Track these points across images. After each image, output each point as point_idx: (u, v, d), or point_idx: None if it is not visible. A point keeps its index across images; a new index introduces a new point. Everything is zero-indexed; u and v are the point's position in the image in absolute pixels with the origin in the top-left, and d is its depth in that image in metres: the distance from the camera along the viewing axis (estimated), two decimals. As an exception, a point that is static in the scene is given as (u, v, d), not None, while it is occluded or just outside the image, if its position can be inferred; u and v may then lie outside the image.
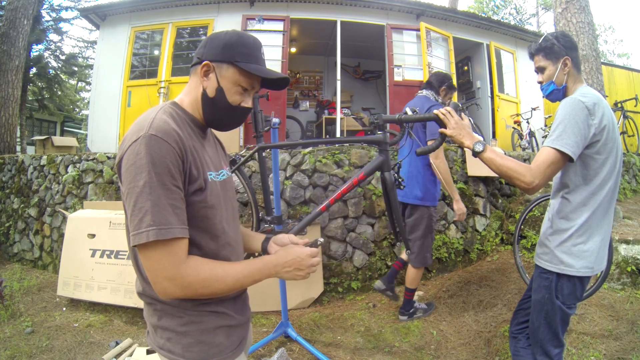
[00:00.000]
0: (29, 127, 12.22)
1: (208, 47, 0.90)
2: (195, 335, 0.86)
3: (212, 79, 0.89)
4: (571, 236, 1.39)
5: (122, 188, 0.78)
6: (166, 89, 5.59)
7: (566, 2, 4.44)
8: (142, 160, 0.75)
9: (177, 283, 0.77)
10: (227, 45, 0.89)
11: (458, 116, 1.43)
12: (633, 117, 6.04)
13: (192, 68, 0.93)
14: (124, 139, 0.81)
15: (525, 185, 1.32)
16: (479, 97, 6.68)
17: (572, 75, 1.46)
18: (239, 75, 0.90)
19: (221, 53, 0.89)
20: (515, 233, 2.86)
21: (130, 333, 2.74)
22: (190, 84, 0.93)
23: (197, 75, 0.91)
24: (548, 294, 1.44)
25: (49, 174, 4.17)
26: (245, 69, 0.88)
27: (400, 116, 1.56)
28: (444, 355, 2.37)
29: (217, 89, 0.89)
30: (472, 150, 1.41)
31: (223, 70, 0.89)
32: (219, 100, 0.90)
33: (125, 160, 0.77)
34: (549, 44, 1.46)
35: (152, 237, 0.74)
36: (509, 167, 1.34)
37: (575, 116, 1.31)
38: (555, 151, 1.32)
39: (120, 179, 0.79)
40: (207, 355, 0.86)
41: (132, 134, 0.79)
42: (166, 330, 0.86)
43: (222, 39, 0.90)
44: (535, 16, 20.85)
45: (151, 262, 0.76)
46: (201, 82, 0.90)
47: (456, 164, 3.66)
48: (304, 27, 6.46)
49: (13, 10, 6.01)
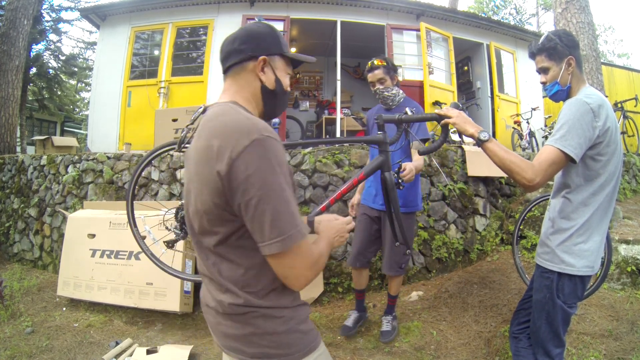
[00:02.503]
0: (29, 127, 12.22)
1: (255, 43, 0.92)
2: (295, 329, 0.87)
3: (269, 72, 0.94)
4: (572, 235, 1.40)
5: (244, 194, 0.74)
6: (166, 89, 5.59)
7: (566, 2, 4.44)
8: (268, 163, 0.74)
9: (314, 268, 0.84)
10: (273, 39, 0.94)
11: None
12: (633, 117, 6.04)
13: (236, 67, 0.93)
14: (221, 147, 0.76)
15: (526, 182, 1.31)
16: (479, 97, 6.68)
17: (575, 75, 1.45)
18: (287, 65, 0.98)
19: (272, 46, 0.94)
20: (514, 233, 2.86)
21: (130, 333, 2.74)
22: (239, 82, 0.94)
23: (247, 71, 0.93)
24: (549, 294, 1.44)
25: (49, 174, 4.17)
26: (293, 58, 0.98)
27: (401, 116, 1.56)
28: (444, 355, 2.37)
29: (275, 80, 0.95)
30: (477, 139, 1.38)
31: (276, 62, 0.95)
32: (279, 90, 0.96)
33: (245, 166, 0.73)
34: (552, 44, 1.43)
35: (299, 239, 0.76)
36: (512, 161, 1.33)
37: (580, 118, 1.30)
38: (558, 151, 1.31)
39: (237, 186, 0.74)
40: (307, 343, 0.89)
41: (237, 138, 0.75)
42: (265, 335, 0.85)
43: (264, 33, 0.94)
44: (535, 16, 20.86)
45: (295, 260, 0.79)
46: (257, 77, 0.93)
47: (456, 164, 3.66)
48: (304, 27, 6.46)
49: (13, 11, 6.01)
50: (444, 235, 3.45)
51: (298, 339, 0.88)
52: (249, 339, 0.85)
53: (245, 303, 0.84)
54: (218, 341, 0.93)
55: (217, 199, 0.78)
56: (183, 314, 2.89)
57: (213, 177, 0.77)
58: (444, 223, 3.50)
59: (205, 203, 0.80)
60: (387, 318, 2.62)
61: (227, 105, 0.87)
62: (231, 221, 0.80)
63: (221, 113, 0.84)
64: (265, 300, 0.84)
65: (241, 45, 0.92)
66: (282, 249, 0.75)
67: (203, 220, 0.83)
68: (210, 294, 0.90)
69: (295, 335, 0.87)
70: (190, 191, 0.87)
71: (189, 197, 0.88)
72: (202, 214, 0.82)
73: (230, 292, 0.85)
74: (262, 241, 0.76)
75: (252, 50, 0.92)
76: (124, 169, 3.82)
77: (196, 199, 0.83)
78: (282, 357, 0.85)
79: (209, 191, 0.78)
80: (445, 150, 3.70)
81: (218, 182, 0.76)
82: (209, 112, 0.89)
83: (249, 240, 0.80)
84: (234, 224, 0.80)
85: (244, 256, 0.83)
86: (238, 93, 0.93)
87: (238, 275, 0.83)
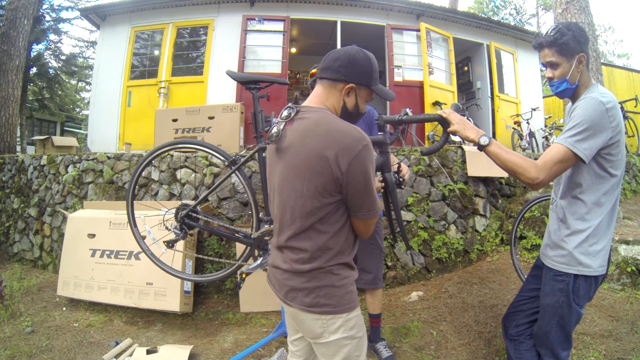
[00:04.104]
0: (29, 127, 12.22)
1: (351, 70, 1.14)
2: (346, 287, 1.14)
3: (352, 97, 1.17)
4: (588, 237, 1.37)
5: (356, 184, 1.06)
6: (166, 89, 5.59)
7: (566, 3, 4.44)
8: (370, 163, 1.07)
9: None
10: (367, 72, 1.15)
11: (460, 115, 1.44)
12: (633, 118, 6.05)
13: (329, 81, 1.16)
14: (341, 150, 1.03)
15: (530, 181, 1.31)
16: (479, 98, 6.68)
17: (584, 73, 1.40)
18: (370, 94, 1.21)
19: (363, 79, 1.16)
20: (512, 233, 2.85)
21: (130, 333, 2.74)
22: (327, 93, 1.17)
23: (336, 89, 1.16)
24: (564, 297, 1.41)
25: (49, 173, 4.17)
26: (377, 92, 1.19)
27: (401, 117, 1.56)
28: (444, 355, 2.37)
29: (355, 105, 1.18)
30: (478, 144, 1.38)
31: (362, 91, 1.18)
32: (355, 112, 1.20)
33: (358, 162, 1.04)
34: (565, 39, 1.35)
35: (379, 214, 1.16)
36: (513, 161, 1.32)
37: (597, 118, 1.28)
38: (567, 150, 1.29)
39: (353, 178, 1.05)
40: (351, 300, 1.15)
41: (353, 144, 1.03)
42: (324, 288, 1.11)
43: (362, 64, 1.15)
44: (535, 16, 20.87)
45: (372, 225, 1.17)
46: (342, 97, 1.16)
47: (456, 164, 3.66)
48: (304, 28, 6.47)
49: (13, 10, 6.01)
50: (444, 235, 3.45)
51: (347, 295, 1.14)
52: (311, 290, 1.11)
53: (318, 264, 1.10)
54: (280, 293, 1.18)
55: (330, 185, 1.06)
56: (183, 314, 2.89)
57: (332, 170, 1.04)
58: (444, 223, 3.50)
59: (317, 188, 1.06)
60: (380, 344, 2.33)
61: (327, 113, 1.13)
62: (331, 203, 1.08)
63: (329, 120, 1.09)
64: (333, 260, 1.11)
65: (340, 67, 1.14)
66: (374, 217, 1.13)
67: (308, 202, 1.08)
68: (282, 257, 1.17)
69: (346, 291, 1.14)
70: (292, 179, 1.10)
71: (290, 184, 1.11)
72: (307, 198, 1.07)
73: (317, 253, 1.11)
74: (361, 212, 1.11)
75: (345, 75, 1.14)
76: (124, 169, 3.82)
77: (302, 186, 1.08)
78: (331, 307, 1.11)
79: (324, 180, 1.05)
80: (445, 151, 3.70)
81: (339, 175, 1.04)
82: (312, 118, 1.11)
83: (335, 214, 1.10)
84: (333, 205, 1.09)
85: (332, 226, 1.11)
86: (327, 101, 1.17)
87: (323, 241, 1.10)
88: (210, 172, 3.50)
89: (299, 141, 1.08)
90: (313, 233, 1.10)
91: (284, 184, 1.13)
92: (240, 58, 5.47)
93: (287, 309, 1.19)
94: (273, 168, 1.20)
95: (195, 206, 1.94)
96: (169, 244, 1.97)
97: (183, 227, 1.95)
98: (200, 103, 5.34)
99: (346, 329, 1.13)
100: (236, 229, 2.04)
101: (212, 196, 3.39)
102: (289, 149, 1.11)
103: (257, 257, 1.94)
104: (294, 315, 1.18)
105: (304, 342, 1.31)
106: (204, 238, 3.32)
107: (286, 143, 1.12)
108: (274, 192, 1.20)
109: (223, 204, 3.41)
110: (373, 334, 2.35)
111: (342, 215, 1.12)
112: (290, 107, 1.17)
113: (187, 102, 5.37)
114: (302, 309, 1.12)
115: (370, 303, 2.31)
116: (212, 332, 2.76)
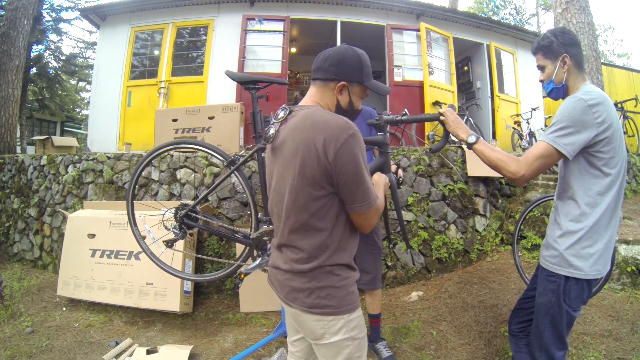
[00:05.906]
0: (29, 127, 12.22)
1: (341, 69, 1.14)
2: (347, 288, 1.13)
3: (345, 94, 1.17)
4: (581, 239, 1.37)
5: (345, 174, 1.04)
6: (166, 89, 5.59)
7: (566, 3, 4.44)
8: (359, 151, 1.05)
9: (377, 216, 1.16)
10: (357, 68, 1.15)
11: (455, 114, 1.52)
12: (633, 118, 6.04)
13: (321, 81, 1.17)
14: (327, 139, 1.02)
15: (511, 175, 1.37)
16: (479, 98, 6.68)
17: (572, 73, 1.44)
18: (363, 91, 1.20)
19: (354, 75, 1.15)
20: (514, 233, 2.85)
21: (130, 333, 2.74)
22: (321, 92, 1.18)
23: (329, 89, 1.17)
24: (555, 298, 1.41)
25: (49, 174, 4.17)
26: (370, 87, 1.19)
27: (402, 117, 1.56)
28: (444, 355, 2.37)
29: (349, 102, 1.18)
30: (466, 142, 1.46)
31: (354, 88, 1.18)
32: (350, 109, 1.19)
33: (345, 151, 1.02)
34: (546, 43, 1.45)
35: (376, 202, 1.11)
36: (497, 157, 1.40)
37: (577, 115, 1.30)
38: (548, 145, 1.33)
39: (341, 167, 1.03)
40: (352, 301, 1.14)
41: (339, 132, 1.02)
42: (325, 289, 1.10)
43: (351, 61, 1.15)
44: (535, 16, 20.87)
45: (371, 214, 1.11)
46: (335, 96, 1.17)
47: (456, 164, 3.66)
48: (304, 28, 6.47)
49: (13, 10, 6.00)
50: (444, 235, 3.45)
51: (348, 296, 1.13)
52: (312, 291, 1.10)
53: (317, 263, 1.09)
54: (281, 294, 1.17)
55: (320, 177, 1.04)
56: (183, 314, 2.89)
57: (320, 160, 1.03)
58: (444, 223, 3.50)
59: (307, 180, 1.05)
60: (380, 344, 2.33)
61: (317, 108, 1.12)
62: (323, 196, 1.06)
63: (317, 113, 1.08)
64: (332, 259, 1.10)
65: (330, 67, 1.15)
66: (368, 209, 1.09)
67: (300, 195, 1.07)
68: (282, 258, 1.17)
69: (347, 292, 1.13)
70: (285, 175, 1.10)
71: (283, 180, 1.11)
72: (299, 191, 1.07)
73: (317, 254, 1.10)
74: (354, 204, 1.08)
75: (335, 74, 1.14)
76: (124, 169, 3.82)
77: (293, 179, 1.07)
78: (333, 309, 1.10)
79: (313, 171, 1.04)
80: (445, 151, 3.70)
81: (327, 164, 1.03)
82: (301, 113, 1.11)
83: (330, 210, 1.09)
84: (325, 198, 1.07)
85: (328, 222, 1.09)
86: (321, 100, 1.18)
87: (321, 239, 1.09)
88: (210, 172, 3.50)
89: (289, 137, 1.10)
90: (310, 231, 1.10)
91: (279, 181, 1.15)
92: (240, 58, 5.47)
93: (288, 309, 1.19)
94: (271, 168, 1.21)
95: (195, 206, 1.94)
96: (169, 244, 1.97)
97: (182, 227, 1.95)
98: (200, 103, 5.34)
99: (347, 330, 1.13)
100: (235, 229, 2.04)
101: (212, 196, 3.39)
102: (282, 146, 1.12)
103: (255, 258, 1.95)
104: (295, 316, 1.17)
105: (304, 343, 1.31)
106: (204, 238, 3.32)
107: (279, 141, 1.13)
108: (272, 190, 1.20)
109: (223, 204, 3.41)
110: (373, 334, 2.35)
111: (337, 211, 1.11)
112: (285, 107, 1.17)
113: (187, 102, 5.36)
114: (303, 310, 1.12)
115: (369, 303, 2.31)
116: (212, 332, 2.76)
